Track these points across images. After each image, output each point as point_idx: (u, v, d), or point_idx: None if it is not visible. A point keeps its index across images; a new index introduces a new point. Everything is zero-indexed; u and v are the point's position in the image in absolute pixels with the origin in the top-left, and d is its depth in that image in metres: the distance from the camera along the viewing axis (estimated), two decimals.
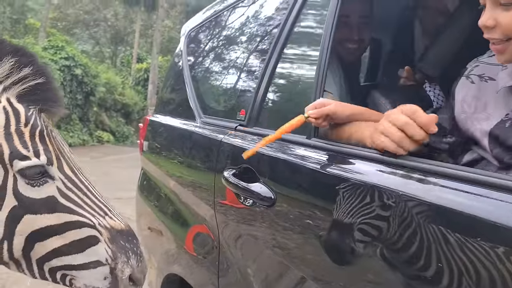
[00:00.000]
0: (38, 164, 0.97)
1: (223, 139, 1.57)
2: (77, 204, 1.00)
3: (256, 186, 1.28)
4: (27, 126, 1.00)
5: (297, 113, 1.39)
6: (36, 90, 1.04)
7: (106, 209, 1.04)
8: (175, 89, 2.44)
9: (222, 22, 2.11)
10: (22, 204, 0.96)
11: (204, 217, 1.70)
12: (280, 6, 1.60)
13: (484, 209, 0.70)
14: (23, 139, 0.98)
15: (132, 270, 1.01)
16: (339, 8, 1.23)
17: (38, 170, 0.97)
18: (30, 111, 1.02)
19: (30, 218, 0.96)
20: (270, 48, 1.50)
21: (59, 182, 1.00)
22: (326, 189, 1.06)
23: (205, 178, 1.70)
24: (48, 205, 0.98)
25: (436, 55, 1.34)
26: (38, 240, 0.97)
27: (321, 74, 1.21)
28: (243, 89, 1.71)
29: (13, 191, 0.96)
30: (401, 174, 0.88)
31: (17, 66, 1.01)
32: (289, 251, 1.20)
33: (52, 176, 0.99)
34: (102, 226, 1.01)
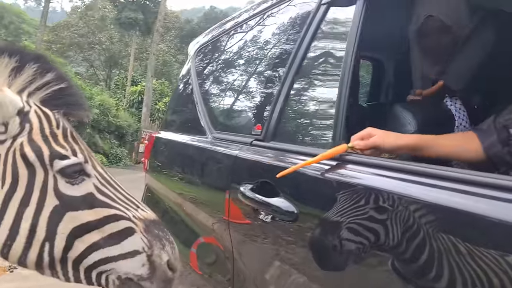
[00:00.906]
0: (77, 162, 1.01)
1: (238, 154, 1.55)
2: (112, 199, 1.04)
3: (277, 200, 1.25)
4: (59, 128, 1.03)
5: (316, 127, 1.39)
6: (59, 95, 1.07)
7: (137, 202, 1.08)
8: (184, 106, 2.43)
9: (234, 38, 2.12)
10: (63, 202, 0.99)
11: (214, 230, 1.67)
12: (297, 21, 1.61)
13: None
14: (58, 141, 1.02)
15: (169, 256, 1.04)
16: (361, 25, 1.24)
17: (77, 168, 1.01)
18: (56, 114, 1.06)
19: (72, 215, 0.98)
20: (287, 63, 1.49)
21: (94, 179, 1.04)
22: (355, 202, 1.04)
23: (217, 192, 1.67)
24: (87, 201, 1.01)
25: (457, 70, 1.35)
26: (78, 236, 0.99)
27: (344, 89, 1.21)
28: (258, 104, 1.70)
29: (54, 190, 0.99)
30: (442, 187, 0.85)
31: (40, 72, 1.04)
32: (311, 266, 1.16)
33: (88, 174, 1.03)
34: (136, 217, 1.04)
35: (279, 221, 1.26)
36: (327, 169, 1.13)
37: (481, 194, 0.76)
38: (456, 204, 0.79)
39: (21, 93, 1.02)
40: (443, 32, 1.40)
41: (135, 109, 19.39)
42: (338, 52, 1.35)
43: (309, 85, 1.47)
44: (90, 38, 26.49)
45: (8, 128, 0.98)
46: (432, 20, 1.40)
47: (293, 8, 1.69)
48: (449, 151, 1.08)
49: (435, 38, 1.43)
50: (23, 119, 1.00)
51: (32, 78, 1.03)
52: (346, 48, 1.27)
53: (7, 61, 1.00)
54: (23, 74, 1.02)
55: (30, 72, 1.02)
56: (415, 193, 0.88)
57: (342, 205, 1.05)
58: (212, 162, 1.81)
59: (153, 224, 1.06)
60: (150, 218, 1.06)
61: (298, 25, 1.58)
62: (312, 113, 1.42)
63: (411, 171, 0.93)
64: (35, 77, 1.03)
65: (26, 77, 1.02)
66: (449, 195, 0.81)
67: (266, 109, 1.57)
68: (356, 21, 1.26)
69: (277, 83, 1.56)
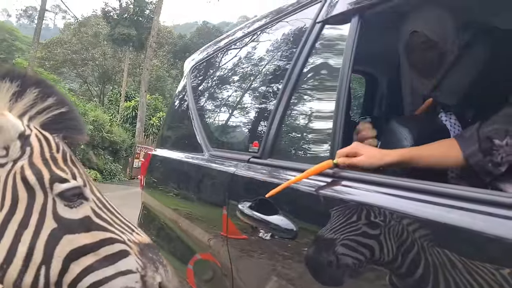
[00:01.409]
0: (77, 186, 1.02)
1: (235, 171, 1.55)
2: (108, 223, 1.05)
3: (275, 218, 1.26)
4: (59, 152, 1.05)
5: (313, 144, 1.39)
6: (60, 119, 1.09)
7: (132, 226, 1.09)
8: (180, 122, 2.43)
9: (230, 56, 2.14)
10: (62, 225, 0.99)
11: (211, 246, 1.66)
12: (292, 38, 1.63)
13: None
14: (58, 164, 1.03)
15: (162, 278, 1.05)
16: (356, 42, 1.26)
17: (76, 191, 1.02)
18: (56, 138, 1.07)
19: (69, 238, 0.99)
20: (284, 80, 1.51)
21: (92, 203, 1.05)
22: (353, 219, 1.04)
23: (214, 210, 1.67)
24: (84, 224, 1.02)
25: (449, 85, 1.37)
26: (74, 259, 0.99)
27: (341, 105, 1.22)
28: (255, 121, 1.71)
29: (53, 213, 0.99)
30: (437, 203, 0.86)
31: (41, 97, 1.06)
32: (310, 283, 1.16)
33: (86, 197, 1.04)
34: (131, 241, 1.05)
35: (278, 238, 1.26)
36: (322, 185, 1.14)
37: (476, 210, 0.77)
38: (450, 220, 0.80)
39: (22, 117, 1.04)
40: (428, 48, 1.41)
41: (129, 125, 19.35)
42: (333, 69, 1.37)
43: (306, 102, 1.49)
44: (84, 55, 26.53)
45: (9, 152, 1.00)
46: (417, 35, 1.42)
47: (288, 26, 1.72)
48: (433, 161, 1.10)
49: (421, 54, 1.44)
50: (24, 142, 1.01)
51: (33, 102, 1.05)
52: (341, 65, 1.28)
53: (8, 85, 1.02)
54: (24, 98, 1.04)
55: (31, 97, 1.05)
56: (408, 209, 0.90)
57: (335, 221, 1.06)
58: (209, 179, 1.81)
59: (148, 247, 1.07)
60: (145, 242, 1.08)
61: (293, 42, 1.60)
62: (309, 129, 1.43)
63: (405, 187, 0.95)
64: (36, 101, 1.05)
65: (27, 102, 1.04)
66: (443, 211, 0.82)
67: (263, 126, 1.58)
68: (351, 38, 1.28)
69: (273, 100, 1.57)
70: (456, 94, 1.35)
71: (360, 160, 1.09)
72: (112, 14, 23.25)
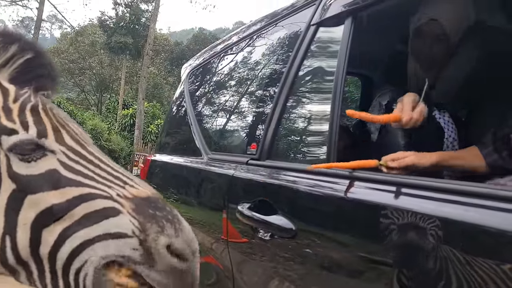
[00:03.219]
0: (27, 138, 0.85)
1: (234, 173, 1.57)
2: (87, 176, 0.86)
3: (275, 218, 1.27)
4: (16, 102, 0.89)
5: (310, 144, 1.41)
6: (27, 68, 0.94)
7: (126, 178, 0.88)
8: (178, 128, 2.45)
9: (226, 60, 2.16)
10: (21, 184, 0.83)
11: (212, 250, 1.67)
12: (287, 42, 1.65)
13: None
14: (10, 115, 0.87)
15: (169, 239, 0.80)
16: (350, 43, 1.28)
17: (28, 143, 0.85)
18: (22, 90, 0.92)
19: (33, 198, 0.82)
20: (280, 82, 1.53)
21: (60, 154, 0.87)
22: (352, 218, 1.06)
23: (214, 212, 1.69)
24: (51, 180, 0.84)
25: (444, 83, 1.38)
26: (44, 225, 0.81)
27: (337, 106, 1.24)
28: (252, 123, 1.73)
29: (8, 172, 0.84)
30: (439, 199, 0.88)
31: (2, 46, 0.92)
32: (311, 282, 1.18)
33: (49, 149, 0.86)
34: (122, 196, 0.84)
35: (278, 238, 1.27)
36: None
37: None
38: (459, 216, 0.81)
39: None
40: (439, 40, 1.39)
41: (127, 132, 19.36)
42: (329, 71, 1.39)
43: (302, 103, 1.51)
44: (81, 64, 26.58)
45: None
46: (434, 24, 1.38)
47: (283, 29, 1.74)
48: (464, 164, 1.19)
49: (429, 44, 1.41)
50: None
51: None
52: (336, 67, 1.30)
53: None
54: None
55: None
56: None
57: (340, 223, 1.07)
58: (208, 182, 1.82)
59: (147, 202, 0.84)
60: (143, 196, 0.86)
61: (288, 45, 1.62)
62: (306, 130, 1.45)
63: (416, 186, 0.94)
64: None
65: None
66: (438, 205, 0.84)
67: (261, 129, 1.59)
68: (344, 40, 1.30)
69: (270, 102, 1.59)
70: (450, 92, 1.37)
71: (412, 159, 1.10)
72: (109, 22, 23.32)
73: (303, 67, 1.49)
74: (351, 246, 1.05)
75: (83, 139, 0.93)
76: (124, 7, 22.80)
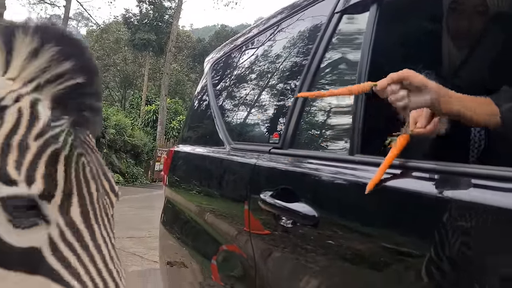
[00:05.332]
0: (25, 195, 0.64)
1: (257, 162, 1.57)
2: (70, 269, 0.64)
3: (297, 205, 1.27)
4: (37, 140, 0.67)
5: (332, 132, 1.41)
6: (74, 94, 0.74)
7: (112, 284, 0.66)
8: (200, 120, 2.48)
9: (249, 51, 2.17)
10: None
11: (235, 239, 1.69)
12: (310, 31, 1.65)
13: None
14: (21, 157, 0.66)
15: None
16: (375, 31, 1.26)
17: (25, 203, 0.65)
18: (58, 121, 0.70)
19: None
20: (303, 71, 1.53)
21: (54, 229, 0.65)
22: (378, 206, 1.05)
23: (237, 201, 1.70)
24: (28, 260, 0.64)
25: (469, 70, 1.35)
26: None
27: (361, 94, 1.23)
28: (275, 113, 1.74)
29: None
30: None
31: (57, 59, 0.72)
32: (334, 271, 1.17)
33: (45, 218, 0.65)
34: None
35: (301, 225, 1.27)
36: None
37: None
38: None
39: (29, 83, 0.72)
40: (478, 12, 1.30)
41: (150, 128, 19.65)
42: (352, 60, 1.37)
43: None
44: (105, 60, 27.09)
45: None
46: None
47: (306, 18, 1.73)
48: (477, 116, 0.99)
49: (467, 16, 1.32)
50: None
51: (47, 65, 0.72)
52: (360, 56, 1.29)
53: (29, 40, 0.71)
54: (39, 58, 0.72)
55: (46, 57, 0.72)
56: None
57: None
58: (231, 172, 1.84)
59: None
60: None
61: (312, 34, 1.62)
62: (329, 119, 1.44)
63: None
64: (51, 64, 0.72)
65: (41, 63, 0.72)
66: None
67: (283, 118, 1.59)
68: (369, 28, 1.28)
69: (293, 91, 1.59)
70: (475, 80, 1.33)
71: (403, 72, 0.92)
72: (133, 20, 23.67)
73: (327, 56, 1.48)
74: (374, 237, 1.04)
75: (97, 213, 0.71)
76: (148, 4, 23.11)
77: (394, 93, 0.94)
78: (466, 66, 1.35)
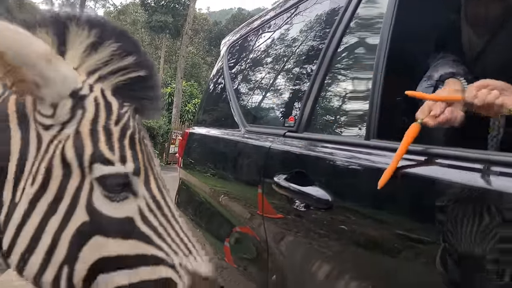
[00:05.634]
0: (122, 173, 0.77)
1: (271, 145, 1.57)
2: (158, 234, 0.79)
3: (311, 189, 1.27)
4: (118, 125, 0.80)
5: (349, 117, 1.39)
6: (136, 85, 0.85)
7: (191, 246, 0.82)
8: (216, 103, 2.48)
9: (265, 34, 2.15)
10: (94, 220, 0.76)
11: (249, 221, 1.70)
12: (329, 14, 1.62)
13: None
14: (110, 140, 0.78)
15: None
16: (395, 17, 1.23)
17: (121, 180, 0.77)
18: (124, 108, 0.83)
19: (100, 241, 0.76)
20: (319, 55, 1.51)
21: (141, 200, 0.79)
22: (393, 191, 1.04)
23: (251, 184, 1.70)
24: (124, 228, 0.77)
25: (491, 57, 1.32)
26: (102, 270, 0.76)
27: (378, 79, 1.21)
28: (291, 96, 1.73)
29: (87, 202, 0.76)
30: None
31: (119, 53, 0.83)
32: (347, 256, 1.17)
33: (135, 192, 0.79)
34: (183, 267, 0.78)
35: (314, 209, 1.27)
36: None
37: None
38: None
39: (91, 74, 0.82)
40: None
41: (165, 111, 19.70)
42: (371, 44, 1.35)
43: (342, 75, 1.48)
44: None
45: (57, 112, 0.77)
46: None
47: (325, 1, 1.70)
48: None
49: (484, 3, 1.28)
50: (77, 103, 0.78)
51: (109, 59, 0.82)
52: (379, 40, 1.26)
53: (86, 34, 0.80)
54: (100, 52, 0.82)
55: (107, 52, 0.82)
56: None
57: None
58: (245, 154, 1.84)
59: (205, 284, 0.80)
60: (202, 274, 0.80)
61: (329, 18, 1.59)
62: (345, 103, 1.43)
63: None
64: (112, 58, 0.82)
65: (102, 57, 0.82)
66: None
67: (299, 102, 1.59)
68: (390, 12, 1.26)
69: (309, 75, 1.57)
70: (496, 66, 1.30)
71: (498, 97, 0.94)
72: (150, 1, 23.61)
73: (344, 41, 1.46)
74: (388, 223, 1.04)
75: (163, 186, 0.86)
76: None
77: (487, 94, 0.97)
78: (487, 53, 1.32)
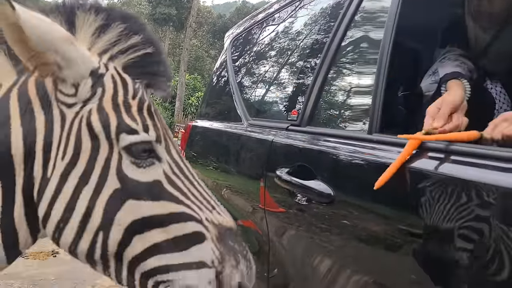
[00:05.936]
0: (147, 140, 0.85)
1: (274, 139, 1.57)
2: (184, 194, 0.86)
3: (313, 183, 1.27)
4: (135, 99, 0.88)
5: (352, 112, 1.39)
6: (144, 62, 0.93)
7: (214, 203, 0.89)
8: (219, 96, 2.48)
9: (269, 28, 2.15)
10: (126, 187, 0.83)
11: (251, 214, 1.70)
12: (332, 7, 1.61)
13: None
14: (130, 112, 0.86)
15: (242, 277, 0.85)
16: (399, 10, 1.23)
17: (146, 147, 0.85)
18: (136, 83, 0.91)
19: (133, 204, 0.83)
20: (323, 49, 1.50)
21: (165, 165, 0.87)
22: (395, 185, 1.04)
23: (254, 177, 1.71)
24: (154, 190, 0.84)
25: (497, 51, 1.31)
26: (138, 232, 0.83)
27: (382, 75, 1.20)
28: (294, 90, 1.73)
29: (117, 171, 0.84)
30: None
31: (126, 33, 0.90)
32: (348, 250, 1.18)
33: (159, 157, 0.87)
34: (210, 221, 0.86)
35: (316, 203, 1.27)
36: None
37: None
38: None
39: (103, 54, 0.89)
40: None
41: (168, 104, 19.74)
42: (375, 39, 1.34)
43: (346, 69, 1.48)
44: None
45: (79, 90, 0.85)
46: None
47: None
48: None
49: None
50: (97, 82, 0.86)
51: (117, 39, 0.89)
52: (383, 34, 1.26)
53: (93, 18, 0.88)
54: (108, 33, 0.89)
55: (115, 33, 0.89)
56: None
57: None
58: (248, 148, 1.84)
59: (229, 233, 0.87)
60: (226, 225, 0.87)
61: (334, 12, 1.58)
62: (348, 98, 1.42)
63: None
64: (120, 38, 0.90)
65: (110, 38, 0.89)
66: None
67: (302, 95, 1.58)
68: (394, 6, 1.25)
69: (313, 69, 1.57)
70: (504, 61, 1.29)
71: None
72: None
73: (348, 35, 1.45)
74: (390, 218, 1.04)
75: (179, 151, 0.93)
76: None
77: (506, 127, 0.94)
78: (494, 47, 1.31)
